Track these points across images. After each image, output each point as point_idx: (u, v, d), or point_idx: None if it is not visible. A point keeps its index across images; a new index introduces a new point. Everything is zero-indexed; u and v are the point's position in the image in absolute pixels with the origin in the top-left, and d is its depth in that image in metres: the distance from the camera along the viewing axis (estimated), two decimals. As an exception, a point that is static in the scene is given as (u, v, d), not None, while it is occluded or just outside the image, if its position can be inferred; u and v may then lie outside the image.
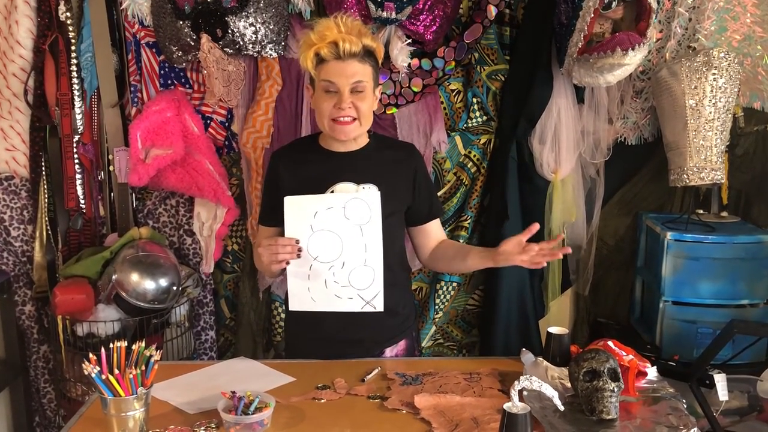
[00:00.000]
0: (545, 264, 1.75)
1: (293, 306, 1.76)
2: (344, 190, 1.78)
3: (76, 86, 2.45)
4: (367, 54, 1.73)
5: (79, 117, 2.48)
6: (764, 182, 2.52)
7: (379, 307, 1.73)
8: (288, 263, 1.70)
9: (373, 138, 1.89)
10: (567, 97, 2.45)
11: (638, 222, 2.66)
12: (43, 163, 2.53)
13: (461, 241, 2.56)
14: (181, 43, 2.37)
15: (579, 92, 2.47)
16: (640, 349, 1.91)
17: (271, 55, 2.41)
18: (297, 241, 1.70)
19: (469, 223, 2.56)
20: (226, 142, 2.60)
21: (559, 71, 2.38)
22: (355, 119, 1.74)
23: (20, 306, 2.60)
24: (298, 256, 1.70)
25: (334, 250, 1.70)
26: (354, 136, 1.79)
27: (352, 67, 1.70)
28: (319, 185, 1.79)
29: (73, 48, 2.43)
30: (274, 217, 1.84)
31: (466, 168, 2.56)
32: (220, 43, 2.33)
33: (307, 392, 1.66)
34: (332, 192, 1.78)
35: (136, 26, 2.47)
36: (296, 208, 1.71)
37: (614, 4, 2.24)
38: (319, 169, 1.82)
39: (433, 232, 1.95)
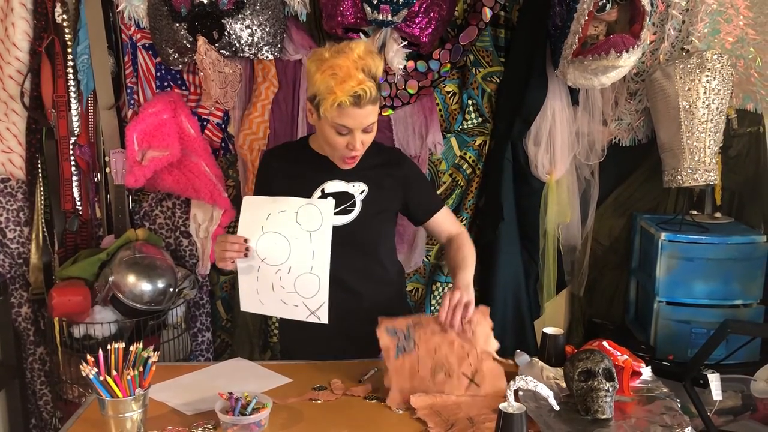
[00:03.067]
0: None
1: (244, 307, 1.76)
2: (335, 187, 1.80)
3: (72, 88, 2.45)
4: (377, 87, 1.69)
5: (75, 119, 2.48)
6: (757, 183, 2.53)
7: (324, 319, 1.68)
8: (233, 262, 1.70)
9: None
10: (562, 99, 2.47)
11: (633, 223, 2.68)
12: (39, 165, 2.53)
13: (457, 242, 2.57)
14: (177, 45, 2.37)
15: (573, 94, 2.49)
16: (635, 349, 1.92)
17: (267, 57, 2.41)
18: (246, 240, 1.69)
19: (464, 225, 2.57)
20: (223, 144, 2.60)
21: (553, 73, 2.40)
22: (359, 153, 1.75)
23: (16, 308, 2.59)
24: (246, 255, 1.69)
25: (281, 254, 1.68)
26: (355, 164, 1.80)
27: (368, 111, 1.67)
28: (309, 184, 1.80)
29: (69, 50, 2.43)
30: None
31: (461, 169, 2.57)
32: (217, 45, 2.34)
33: (304, 393, 1.66)
34: (323, 190, 1.80)
35: (133, 28, 2.48)
36: (252, 207, 1.72)
37: (608, 6, 2.26)
38: (310, 169, 1.84)
39: (442, 223, 1.95)
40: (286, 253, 1.68)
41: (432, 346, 1.64)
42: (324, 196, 1.78)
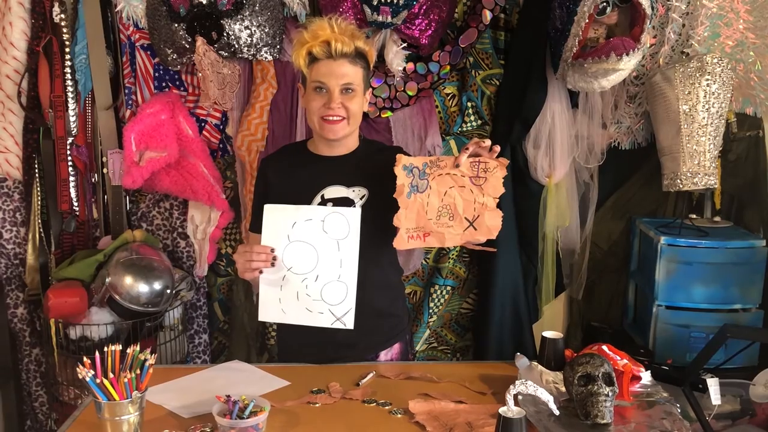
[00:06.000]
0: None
1: (262, 317, 1.74)
2: (335, 193, 1.78)
3: (70, 88, 2.44)
4: (359, 56, 1.74)
5: (72, 119, 2.46)
6: (756, 187, 2.53)
7: (350, 324, 1.69)
8: (261, 272, 1.68)
9: (363, 142, 1.89)
10: (561, 102, 2.46)
11: (632, 226, 2.67)
12: (36, 165, 2.52)
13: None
14: (176, 46, 2.36)
15: (573, 97, 2.49)
16: (633, 353, 1.91)
17: (266, 58, 2.41)
18: (272, 250, 1.68)
19: (463, 227, 2.57)
20: (221, 145, 2.59)
21: (553, 76, 2.39)
22: (343, 119, 1.74)
23: (12, 309, 2.58)
24: (272, 265, 1.67)
25: (309, 263, 1.68)
26: (342, 136, 1.78)
27: (343, 67, 1.71)
28: (309, 189, 1.79)
29: (67, 50, 2.42)
30: None
31: (460, 172, 2.56)
32: (215, 45, 2.33)
33: (302, 396, 1.65)
34: (322, 196, 1.78)
35: (131, 28, 2.47)
36: (275, 216, 1.70)
37: (609, 9, 2.26)
38: (309, 174, 1.82)
39: None
40: (314, 262, 1.68)
41: (443, 188, 1.68)
42: (323, 202, 1.77)
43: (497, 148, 1.65)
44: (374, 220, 1.74)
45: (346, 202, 1.77)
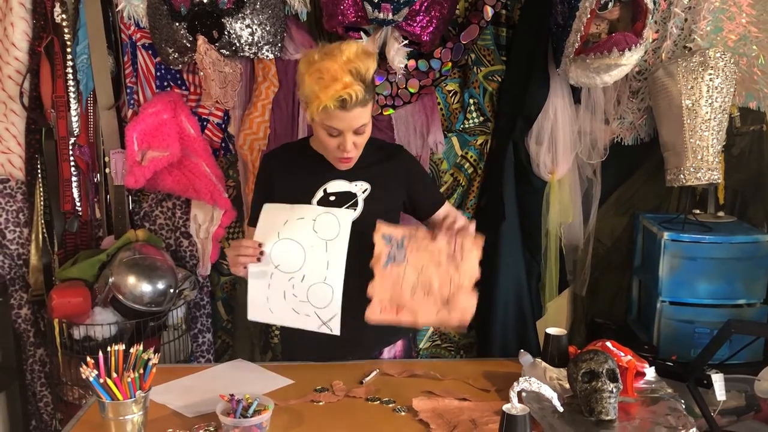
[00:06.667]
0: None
1: (251, 315, 1.72)
2: (337, 187, 1.78)
3: (71, 88, 2.44)
4: (368, 91, 1.67)
5: (75, 119, 2.47)
6: (760, 182, 2.52)
7: (336, 330, 1.66)
8: (246, 267, 1.67)
9: None
10: (564, 98, 2.45)
11: (635, 222, 2.66)
12: (38, 166, 2.52)
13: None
14: (177, 45, 2.36)
15: (576, 93, 2.48)
16: (637, 349, 1.91)
17: (267, 56, 2.40)
18: (260, 245, 1.67)
19: (466, 224, 2.56)
20: (223, 144, 2.59)
21: (555, 72, 2.39)
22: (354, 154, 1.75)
23: (16, 309, 2.59)
24: (259, 260, 1.66)
25: (296, 261, 1.65)
26: (353, 163, 1.79)
27: (356, 114, 1.66)
28: (311, 184, 1.79)
29: (68, 50, 2.42)
30: None
31: (462, 169, 2.56)
32: (217, 44, 2.33)
33: (305, 395, 1.66)
34: (325, 190, 1.78)
35: (132, 28, 2.47)
36: (271, 214, 1.69)
37: (610, 4, 2.25)
38: (312, 169, 1.83)
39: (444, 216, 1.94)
40: (301, 261, 1.65)
41: (420, 263, 1.63)
42: (326, 195, 1.77)
43: (472, 228, 1.64)
44: (376, 213, 1.74)
45: (349, 196, 1.78)
